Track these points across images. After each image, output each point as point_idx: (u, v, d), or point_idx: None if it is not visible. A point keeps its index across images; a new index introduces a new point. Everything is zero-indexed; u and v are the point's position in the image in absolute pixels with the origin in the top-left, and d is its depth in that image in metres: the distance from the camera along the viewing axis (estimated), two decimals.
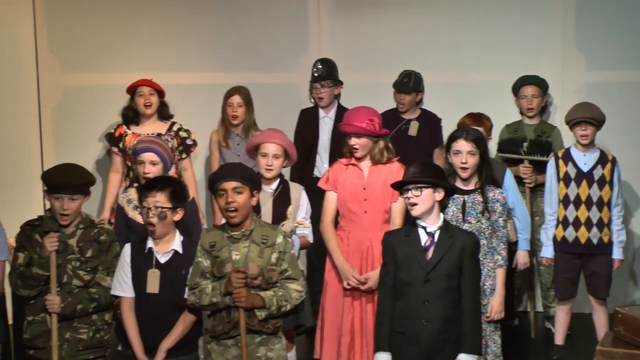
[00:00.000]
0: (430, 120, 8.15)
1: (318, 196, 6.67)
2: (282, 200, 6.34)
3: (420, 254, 5.46)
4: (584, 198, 7.00)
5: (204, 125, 8.28)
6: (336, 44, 8.65)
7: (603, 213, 7.01)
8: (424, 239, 5.49)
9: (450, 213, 5.99)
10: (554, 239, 7.11)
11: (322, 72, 8.04)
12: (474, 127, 6.62)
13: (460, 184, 6.07)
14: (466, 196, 6.06)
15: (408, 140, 7.92)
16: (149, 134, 7.72)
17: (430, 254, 5.46)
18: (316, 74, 8.06)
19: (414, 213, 5.48)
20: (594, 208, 7.00)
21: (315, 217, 6.52)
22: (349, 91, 8.19)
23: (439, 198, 5.52)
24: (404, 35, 8.59)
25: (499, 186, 6.28)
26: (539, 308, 8.27)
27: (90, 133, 8.65)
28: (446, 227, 5.53)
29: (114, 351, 6.27)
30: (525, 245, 6.91)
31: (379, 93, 8.28)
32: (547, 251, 7.17)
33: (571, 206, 7.03)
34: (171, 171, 7.02)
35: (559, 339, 7.30)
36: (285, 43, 8.68)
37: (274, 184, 6.34)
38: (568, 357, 7.28)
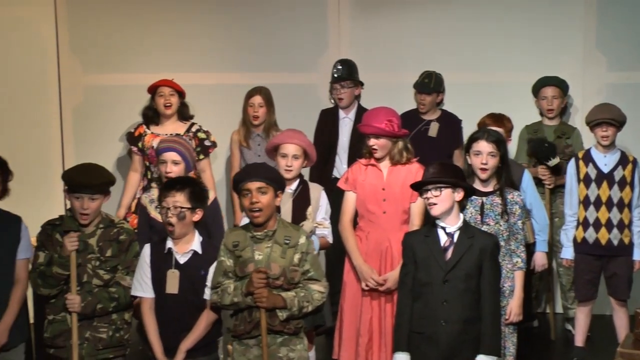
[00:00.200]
0: (450, 122, 8.14)
1: (337, 196, 6.67)
2: (302, 201, 6.35)
3: (439, 254, 5.44)
4: (604, 199, 6.98)
5: (225, 125, 8.30)
6: (356, 45, 8.65)
7: (624, 214, 6.98)
8: (443, 239, 5.48)
9: (469, 215, 5.97)
10: (574, 240, 7.08)
11: (342, 73, 8.04)
12: (494, 128, 6.60)
13: (478, 186, 6.05)
14: (485, 198, 6.04)
15: (428, 141, 7.91)
16: (167, 134, 7.75)
17: (449, 254, 5.44)
18: (336, 75, 8.06)
19: (434, 213, 5.47)
20: (615, 209, 6.97)
21: (334, 218, 6.52)
22: (369, 92, 8.19)
23: (458, 198, 5.50)
24: (424, 35, 8.58)
25: (516, 189, 6.27)
26: (559, 310, 8.24)
27: (111, 133, 8.68)
28: (466, 228, 5.52)
29: (135, 350, 6.29)
30: (543, 247, 6.89)
31: (399, 94, 8.28)
32: (567, 252, 7.14)
33: (591, 207, 7.01)
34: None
35: (579, 341, 7.27)
36: (306, 43, 8.69)
37: (294, 185, 6.34)
38: (588, 359, 7.25)
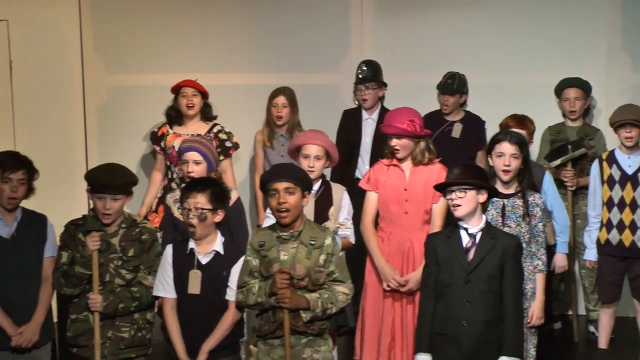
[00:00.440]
0: (474, 123, 8.12)
1: (359, 197, 6.67)
2: (324, 201, 6.34)
3: (461, 254, 5.45)
4: (628, 200, 6.94)
5: (249, 126, 8.32)
6: (379, 45, 8.64)
7: None
8: (465, 240, 5.48)
9: (490, 216, 5.94)
10: (598, 241, 7.05)
11: (367, 74, 8.03)
12: (517, 130, 6.59)
13: (500, 187, 6.01)
14: (506, 200, 6.02)
15: (451, 142, 7.89)
16: (189, 135, 7.77)
17: (471, 255, 5.45)
18: (360, 76, 8.05)
19: (457, 214, 5.47)
20: (639, 211, 6.93)
21: (356, 218, 6.51)
22: (392, 92, 8.17)
23: (482, 200, 5.50)
24: (448, 36, 8.56)
25: (537, 191, 6.26)
26: (582, 311, 8.21)
27: (134, 133, 8.71)
28: (488, 229, 5.52)
29: (158, 350, 6.31)
30: (563, 248, 6.87)
31: (422, 94, 8.26)
32: (591, 254, 7.12)
33: (615, 209, 6.98)
34: None
35: (603, 343, 7.24)
36: (329, 44, 8.69)
37: (316, 185, 6.33)
38: None
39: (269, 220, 6.08)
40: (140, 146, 8.72)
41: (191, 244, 5.62)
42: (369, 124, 8.09)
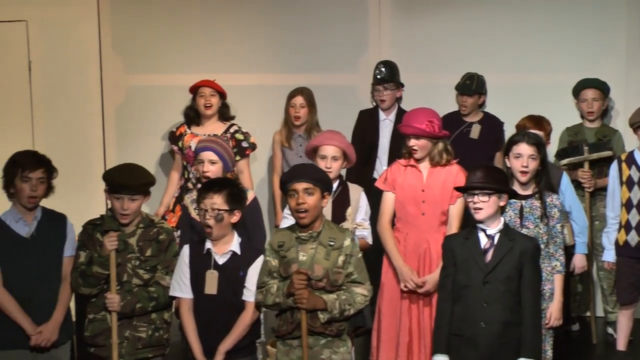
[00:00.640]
0: (492, 124, 8.11)
1: (377, 198, 6.66)
2: (342, 202, 6.34)
3: (479, 256, 5.44)
4: None
5: (267, 126, 8.34)
6: (397, 45, 8.63)
7: None
8: (483, 241, 5.48)
9: (508, 218, 5.93)
10: (616, 243, 7.01)
11: (385, 75, 8.02)
12: (534, 131, 6.58)
13: (517, 189, 6.00)
14: (524, 201, 6.01)
15: (470, 143, 7.89)
16: (206, 135, 7.77)
17: (489, 256, 5.44)
18: (379, 76, 8.04)
19: (478, 217, 5.46)
20: None
21: (372, 219, 6.51)
22: (410, 93, 8.16)
23: (502, 203, 5.51)
24: (466, 36, 8.54)
25: (555, 192, 6.24)
26: (600, 313, 8.18)
27: (153, 133, 8.74)
28: (506, 231, 5.51)
29: (175, 350, 6.31)
30: (582, 249, 6.86)
31: (439, 95, 8.26)
32: (609, 255, 7.08)
33: (634, 210, 6.93)
34: None
35: (621, 345, 7.20)
36: (346, 44, 8.68)
37: (334, 186, 6.32)
38: None
39: (286, 220, 6.08)
40: (158, 146, 8.74)
41: (208, 244, 5.61)
42: (386, 124, 8.08)
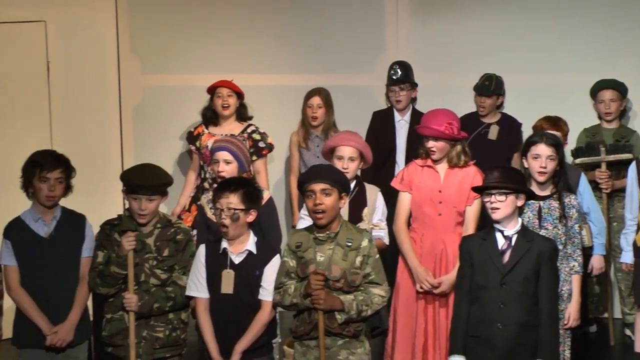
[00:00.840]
0: (510, 125, 8.11)
1: (394, 198, 6.65)
2: (358, 202, 6.34)
3: (496, 257, 5.43)
4: None
5: (284, 126, 8.34)
6: (414, 46, 8.62)
7: None
8: (501, 242, 5.46)
9: (527, 219, 5.92)
10: (634, 244, 6.98)
11: (401, 75, 8.02)
12: (551, 131, 6.56)
13: (535, 189, 5.98)
14: (542, 202, 6.00)
15: (488, 144, 7.89)
16: (223, 135, 7.78)
17: (506, 257, 5.42)
18: (394, 77, 8.04)
19: (496, 217, 5.44)
20: None
21: (389, 219, 6.50)
22: (427, 93, 8.17)
23: (520, 204, 5.49)
24: (483, 36, 8.53)
25: (573, 192, 6.22)
26: (617, 315, 8.15)
27: (170, 133, 8.75)
28: (524, 232, 5.49)
29: (192, 350, 6.32)
30: (600, 250, 6.84)
31: (457, 95, 8.24)
32: (627, 257, 7.03)
33: None
34: None
35: (639, 347, 7.18)
36: (363, 44, 8.68)
37: (351, 186, 6.33)
38: None
39: (303, 221, 6.09)
40: (176, 146, 8.76)
41: (224, 244, 5.61)
42: (401, 125, 8.08)
